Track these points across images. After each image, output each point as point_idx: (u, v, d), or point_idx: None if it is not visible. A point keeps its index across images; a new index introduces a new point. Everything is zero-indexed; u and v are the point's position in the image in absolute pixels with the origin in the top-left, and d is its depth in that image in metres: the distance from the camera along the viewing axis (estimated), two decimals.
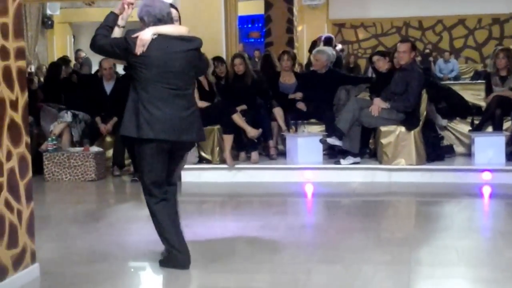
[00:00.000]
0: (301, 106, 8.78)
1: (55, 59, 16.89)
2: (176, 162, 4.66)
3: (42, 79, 12.88)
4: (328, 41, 12.22)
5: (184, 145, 4.64)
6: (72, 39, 19.43)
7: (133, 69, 4.41)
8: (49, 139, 8.70)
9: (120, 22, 4.46)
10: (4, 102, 4.10)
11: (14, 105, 4.20)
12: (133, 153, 4.68)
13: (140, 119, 4.35)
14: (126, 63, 4.57)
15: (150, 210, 4.58)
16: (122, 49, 4.37)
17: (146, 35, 4.31)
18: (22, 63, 4.31)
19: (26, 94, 4.37)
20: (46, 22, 18.03)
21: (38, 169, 8.52)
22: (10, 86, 4.16)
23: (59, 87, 10.44)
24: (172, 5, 4.74)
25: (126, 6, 4.45)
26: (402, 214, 6.74)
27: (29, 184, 4.37)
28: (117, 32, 4.44)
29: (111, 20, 4.45)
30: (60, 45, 19.07)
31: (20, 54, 4.29)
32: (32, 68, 16.12)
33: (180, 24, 4.82)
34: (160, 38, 4.36)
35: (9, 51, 4.16)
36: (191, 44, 4.51)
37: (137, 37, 4.31)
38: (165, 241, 4.58)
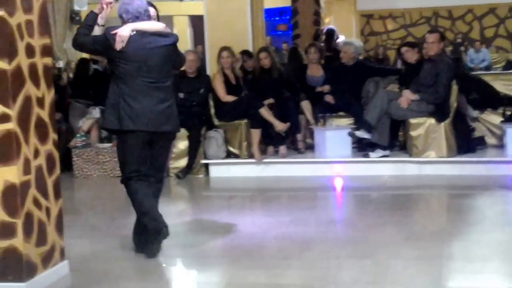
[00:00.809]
0: (329, 99, 8.69)
1: (83, 55, 16.97)
2: (160, 153, 4.89)
3: (71, 75, 12.92)
4: (331, 34, 11.84)
5: (164, 135, 4.86)
6: None
7: (113, 64, 4.69)
8: (78, 135, 8.73)
9: (100, 21, 4.74)
10: (31, 100, 4.11)
11: (40, 102, 4.21)
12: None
13: (121, 112, 4.64)
14: (106, 59, 4.83)
15: (130, 191, 4.79)
16: (103, 45, 4.66)
17: (124, 32, 4.61)
18: (48, 60, 4.32)
19: (53, 91, 4.37)
20: (74, 18, 18.09)
21: (67, 165, 8.56)
22: (36, 83, 4.17)
23: (88, 83, 10.46)
24: (150, 4, 4.96)
25: (105, 6, 4.75)
26: (433, 208, 6.65)
27: (57, 181, 4.38)
28: (97, 30, 4.73)
29: (91, 19, 4.76)
30: None
31: (46, 51, 4.29)
32: (61, 64, 16.20)
33: (159, 21, 5.08)
34: (138, 34, 4.65)
35: (34, 49, 4.16)
36: (167, 40, 4.79)
37: (116, 33, 4.60)
38: (144, 216, 4.73)
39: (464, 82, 8.30)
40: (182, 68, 8.74)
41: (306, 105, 8.68)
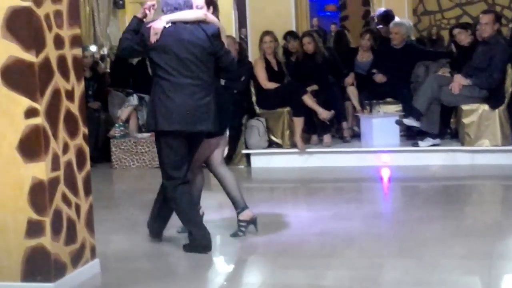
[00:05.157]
0: (379, 78, 8.32)
1: None
2: (192, 152, 4.70)
3: None
4: (385, 17, 9.70)
5: (200, 135, 4.67)
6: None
7: (150, 60, 4.58)
8: (116, 125, 8.63)
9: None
10: (60, 93, 4.00)
11: (70, 95, 4.10)
12: None
13: (156, 111, 4.48)
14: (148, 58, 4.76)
15: (169, 196, 4.67)
16: (140, 42, 4.50)
17: (158, 24, 4.46)
18: (77, 51, 4.20)
19: (83, 83, 4.28)
20: (118, 2, 18.10)
21: (106, 156, 8.47)
22: (65, 76, 4.06)
23: (128, 70, 10.30)
24: None
25: (147, 11, 4.59)
26: (486, 200, 6.38)
27: (87, 177, 4.26)
28: None
29: (134, 23, 4.58)
30: None
31: (76, 42, 4.18)
32: (105, 51, 16.15)
33: (215, 11, 4.90)
34: (174, 26, 4.48)
35: (63, 40, 4.04)
36: (207, 30, 4.54)
37: (150, 27, 4.46)
38: (190, 226, 4.67)
39: None
40: None
41: (352, 91, 8.42)
